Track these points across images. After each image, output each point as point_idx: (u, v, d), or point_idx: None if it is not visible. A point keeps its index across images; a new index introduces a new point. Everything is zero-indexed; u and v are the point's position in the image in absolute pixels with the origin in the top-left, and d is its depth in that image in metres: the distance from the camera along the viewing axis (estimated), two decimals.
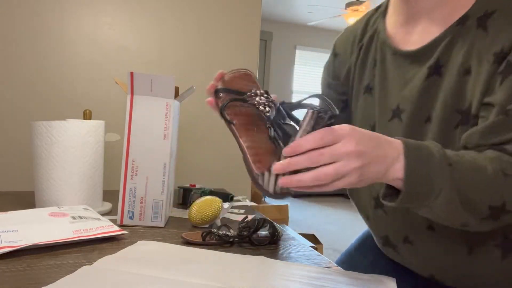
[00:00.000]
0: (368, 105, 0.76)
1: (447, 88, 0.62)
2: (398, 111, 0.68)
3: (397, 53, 0.69)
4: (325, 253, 3.08)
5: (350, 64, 0.80)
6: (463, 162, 0.53)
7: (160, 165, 0.94)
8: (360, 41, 0.78)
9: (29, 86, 1.34)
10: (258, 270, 0.69)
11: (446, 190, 0.51)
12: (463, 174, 0.52)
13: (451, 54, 0.62)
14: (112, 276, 0.62)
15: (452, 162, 0.52)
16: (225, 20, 1.58)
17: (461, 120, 0.61)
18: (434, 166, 0.50)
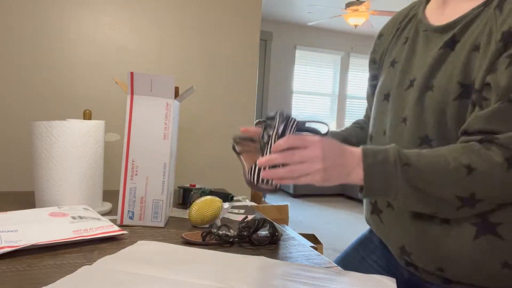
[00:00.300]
0: (388, 77, 0.80)
1: (455, 61, 0.66)
2: (414, 80, 0.73)
3: (428, 29, 0.74)
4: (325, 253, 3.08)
5: (387, 43, 0.86)
6: (421, 160, 0.60)
7: (160, 165, 0.94)
8: (400, 23, 0.84)
9: (29, 86, 1.34)
10: (258, 270, 0.69)
11: (402, 188, 0.60)
12: (418, 172, 0.59)
13: (467, 31, 0.66)
14: (112, 276, 0.62)
15: (408, 162, 0.60)
16: (225, 20, 1.58)
17: (462, 93, 0.64)
18: (388, 168, 0.59)
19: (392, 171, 0.59)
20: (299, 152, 0.58)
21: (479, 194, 0.59)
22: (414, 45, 0.76)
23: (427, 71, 0.69)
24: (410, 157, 0.60)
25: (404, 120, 0.73)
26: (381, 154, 0.61)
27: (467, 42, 0.65)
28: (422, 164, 0.59)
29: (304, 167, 0.58)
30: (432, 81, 0.68)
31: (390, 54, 0.83)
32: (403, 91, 0.74)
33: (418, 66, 0.73)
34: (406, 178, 0.59)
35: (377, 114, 0.82)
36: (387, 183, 0.60)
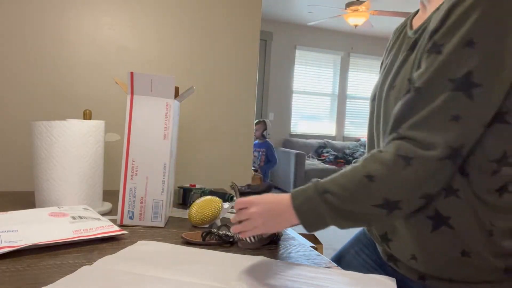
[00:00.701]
0: (377, 82, 0.87)
1: (408, 60, 0.72)
2: (388, 83, 0.79)
3: (410, 35, 0.79)
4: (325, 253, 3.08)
5: (386, 52, 0.92)
6: (335, 184, 0.66)
7: (160, 165, 0.94)
8: (396, 33, 0.89)
9: (29, 86, 1.34)
10: (258, 270, 0.69)
11: (329, 214, 0.65)
12: (335, 195, 0.65)
13: (424, 32, 0.71)
14: (112, 276, 0.62)
15: (325, 190, 0.66)
16: (225, 20, 1.58)
17: (409, 88, 0.69)
18: (313, 202, 0.66)
19: (315, 203, 0.66)
20: (244, 211, 0.70)
21: (391, 197, 0.62)
22: (399, 50, 0.81)
23: (394, 72, 0.75)
24: (326, 184, 0.66)
25: (379, 119, 0.79)
26: (304, 192, 0.68)
27: (422, 42, 0.70)
28: (336, 187, 0.65)
29: (249, 222, 0.69)
30: (396, 82, 0.74)
31: (386, 61, 0.89)
32: (382, 92, 0.80)
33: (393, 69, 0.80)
34: (328, 205, 0.65)
35: (368, 114, 0.89)
36: (317, 215, 0.66)
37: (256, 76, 1.64)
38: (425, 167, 0.60)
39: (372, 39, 6.59)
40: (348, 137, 6.64)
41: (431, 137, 0.61)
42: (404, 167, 0.61)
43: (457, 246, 0.65)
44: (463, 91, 0.59)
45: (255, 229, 0.69)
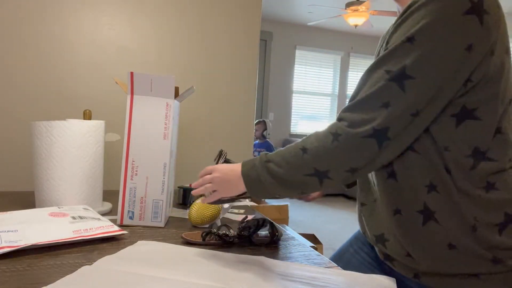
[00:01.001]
0: None
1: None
2: None
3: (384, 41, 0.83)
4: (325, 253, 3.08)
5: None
6: (278, 154, 0.73)
7: (160, 165, 0.94)
8: (381, 39, 0.92)
9: (29, 86, 1.34)
10: (258, 270, 0.69)
11: (269, 180, 0.72)
12: (275, 164, 0.72)
13: (392, 37, 0.73)
14: (112, 276, 0.62)
15: (268, 159, 0.74)
16: (225, 20, 1.58)
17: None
18: (256, 170, 0.74)
19: (259, 170, 0.74)
20: (207, 176, 0.80)
21: (319, 167, 0.69)
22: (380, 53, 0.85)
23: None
24: (270, 154, 0.75)
25: None
26: (251, 161, 0.76)
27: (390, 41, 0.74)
28: (278, 157, 0.73)
29: (210, 186, 0.79)
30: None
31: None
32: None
33: None
34: (269, 172, 0.72)
35: None
36: (259, 182, 0.74)
37: (256, 76, 1.64)
38: (349, 142, 0.67)
39: (372, 39, 6.59)
40: None
41: (360, 117, 0.67)
42: (332, 141, 0.68)
43: (444, 239, 0.67)
44: (396, 82, 0.65)
45: (215, 193, 0.79)
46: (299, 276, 0.67)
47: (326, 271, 0.71)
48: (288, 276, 0.67)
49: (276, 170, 0.72)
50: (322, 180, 0.70)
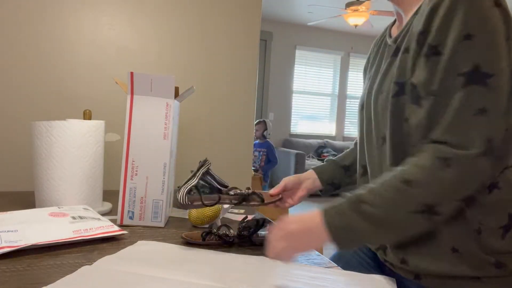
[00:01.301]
0: (363, 90, 0.90)
1: (394, 65, 0.74)
2: (374, 89, 0.81)
3: (390, 43, 0.81)
4: (325, 253, 3.08)
5: (370, 60, 0.94)
6: (370, 193, 0.63)
7: (160, 165, 0.94)
8: (378, 43, 0.92)
9: (29, 86, 1.34)
10: (258, 270, 0.69)
11: (363, 225, 0.61)
12: (371, 203, 0.61)
13: (405, 38, 0.73)
14: (112, 276, 0.62)
15: (361, 199, 0.62)
16: (225, 20, 1.58)
17: (397, 91, 0.71)
18: (346, 216, 0.62)
19: (349, 216, 0.62)
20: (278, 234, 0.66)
21: (430, 201, 0.60)
22: (381, 59, 0.84)
23: (379, 79, 0.78)
24: (360, 194, 0.64)
25: (370, 123, 0.82)
26: (336, 206, 0.64)
27: (402, 47, 0.73)
28: (372, 196, 0.62)
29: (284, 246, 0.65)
30: (383, 87, 0.76)
31: (370, 71, 0.91)
32: (369, 99, 0.83)
33: (378, 76, 0.82)
34: (363, 215, 0.61)
35: (358, 124, 0.91)
36: (351, 229, 0.62)
37: (256, 76, 1.64)
38: (465, 166, 0.59)
39: (372, 39, 6.59)
40: (348, 137, 6.64)
41: (464, 136, 0.60)
42: (443, 168, 0.60)
43: (448, 243, 0.66)
44: (478, 84, 0.60)
45: (289, 248, 0.65)
46: (299, 276, 0.67)
47: (326, 271, 0.71)
48: (288, 276, 0.67)
49: (372, 212, 0.61)
50: (431, 217, 0.61)
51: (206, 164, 0.80)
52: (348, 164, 0.98)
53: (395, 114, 0.72)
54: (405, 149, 0.71)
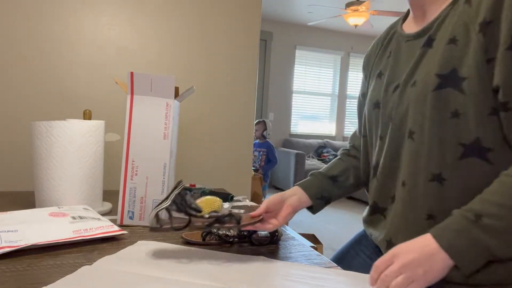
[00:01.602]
0: (376, 87, 0.86)
1: (433, 55, 0.71)
2: (399, 83, 0.78)
3: (409, 38, 0.80)
4: (325, 253, 3.08)
5: (373, 61, 0.93)
6: (488, 204, 0.58)
7: (160, 165, 0.94)
8: (383, 41, 0.91)
9: (29, 86, 1.34)
10: (258, 270, 0.69)
11: (490, 240, 0.56)
12: (494, 216, 0.57)
13: (440, 28, 0.72)
14: (112, 276, 0.62)
15: (478, 213, 0.58)
16: (225, 20, 1.58)
17: (440, 83, 0.68)
18: (466, 235, 0.57)
19: (471, 234, 0.57)
20: (391, 270, 0.59)
21: None
22: (397, 56, 0.82)
23: (409, 71, 0.75)
24: (475, 208, 0.59)
25: (392, 120, 0.78)
26: (449, 227, 0.59)
27: (443, 37, 0.70)
28: (491, 207, 0.58)
29: (405, 278, 0.58)
30: (414, 78, 0.73)
31: (377, 68, 0.89)
32: (391, 95, 0.80)
33: (403, 71, 0.79)
34: (488, 230, 0.56)
35: (370, 123, 0.88)
36: (477, 248, 0.57)
37: (256, 76, 1.64)
38: None
39: (372, 39, 6.59)
40: (348, 137, 6.63)
41: None
42: None
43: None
44: None
45: (412, 281, 0.57)
46: (299, 276, 0.67)
47: (326, 271, 0.71)
48: (288, 276, 0.67)
49: (500, 225, 0.56)
50: None
51: (180, 186, 0.79)
52: (336, 174, 0.93)
53: (437, 107, 0.68)
54: (447, 146, 0.68)
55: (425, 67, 0.72)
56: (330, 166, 0.96)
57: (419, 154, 0.71)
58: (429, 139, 0.70)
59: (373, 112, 0.85)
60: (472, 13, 0.67)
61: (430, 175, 0.70)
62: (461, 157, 0.67)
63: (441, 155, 0.69)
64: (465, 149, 0.67)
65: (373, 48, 0.95)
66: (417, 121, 0.72)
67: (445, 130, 0.68)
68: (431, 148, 0.70)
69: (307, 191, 0.88)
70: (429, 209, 0.70)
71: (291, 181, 5.30)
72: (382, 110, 0.82)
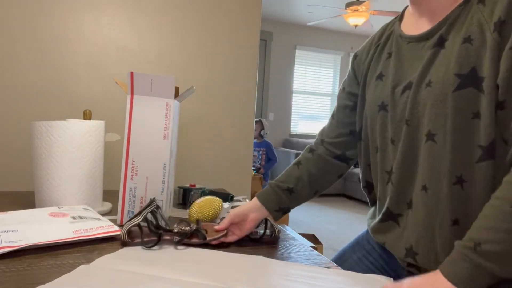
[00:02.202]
0: (378, 89, 0.84)
1: (448, 56, 0.70)
2: (409, 84, 0.76)
3: (412, 40, 0.78)
4: (325, 253, 3.08)
5: (367, 61, 0.90)
6: (482, 231, 0.59)
7: (160, 165, 0.94)
8: (377, 42, 0.89)
9: (29, 86, 1.34)
10: (257, 269, 0.69)
11: (491, 265, 0.57)
12: (490, 241, 0.57)
13: (453, 28, 0.71)
14: (110, 275, 0.62)
15: (475, 242, 0.58)
16: (225, 20, 1.58)
17: (460, 84, 0.67)
18: (468, 266, 0.58)
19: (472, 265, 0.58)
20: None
21: None
22: (399, 57, 0.80)
23: (421, 71, 0.73)
24: (473, 236, 0.59)
25: (406, 122, 0.75)
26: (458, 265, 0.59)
27: (456, 37, 0.69)
28: (486, 233, 0.58)
29: None
30: (429, 78, 0.71)
31: (375, 70, 0.86)
32: (399, 96, 0.77)
33: (410, 72, 0.77)
34: (489, 260, 0.57)
35: (373, 127, 0.85)
36: (481, 274, 0.58)
37: (256, 76, 1.64)
38: None
39: None
40: None
41: None
42: None
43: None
44: None
45: None
46: (298, 276, 0.67)
47: (326, 271, 0.71)
48: (288, 276, 0.67)
49: (498, 249, 0.57)
50: None
51: (152, 205, 0.82)
52: (292, 186, 0.92)
53: (459, 108, 0.67)
54: (468, 148, 0.67)
55: (440, 67, 0.70)
56: (285, 176, 0.94)
57: (443, 156, 0.69)
58: (451, 141, 0.68)
59: (378, 114, 0.83)
60: (487, 13, 0.66)
61: (454, 178, 0.68)
62: (479, 159, 0.66)
63: (462, 157, 0.67)
64: (482, 152, 0.66)
65: (365, 48, 0.92)
66: (438, 122, 0.70)
67: (467, 132, 0.67)
68: (454, 150, 0.68)
69: (266, 205, 0.90)
70: (453, 213, 0.69)
71: None
72: (391, 112, 0.79)
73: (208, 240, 0.81)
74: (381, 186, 0.85)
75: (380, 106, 0.82)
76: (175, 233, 0.81)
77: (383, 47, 0.86)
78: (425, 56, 0.74)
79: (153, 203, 0.82)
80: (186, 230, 0.81)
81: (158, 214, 0.82)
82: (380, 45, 0.87)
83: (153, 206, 0.82)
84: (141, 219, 0.79)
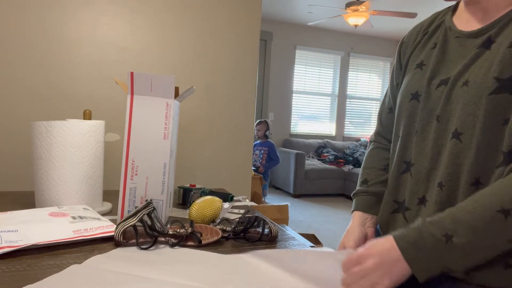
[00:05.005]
0: (415, 77, 0.82)
1: (491, 58, 0.68)
2: (447, 80, 0.75)
3: (460, 35, 0.77)
4: None
5: (412, 47, 0.89)
6: (460, 225, 0.60)
7: (160, 165, 0.94)
8: (426, 29, 0.87)
9: (29, 86, 1.34)
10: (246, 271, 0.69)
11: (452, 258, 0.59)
12: (463, 237, 0.59)
13: (503, 31, 0.69)
14: (99, 275, 0.62)
15: (449, 234, 0.60)
16: (225, 20, 1.58)
17: (498, 88, 0.66)
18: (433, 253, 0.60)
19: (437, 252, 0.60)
20: (358, 268, 0.63)
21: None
22: (444, 50, 0.79)
23: (462, 68, 0.72)
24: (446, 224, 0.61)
25: (437, 117, 0.75)
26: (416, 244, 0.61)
27: (504, 41, 0.68)
28: (463, 229, 0.59)
29: (368, 279, 0.62)
30: (467, 77, 0.70)
31: (417, 57, 0.85)
32: (434, 89, 0.77)
33: (451, 67, 0.76)
34: (454, 250, 0.59)
35: (400, 114, 0.84)
36: (437, 263, 0.60)
37: (256, 76, 1.64)
38: None
39: (372, 39, 6.59)
40: (348, 137, 6.64)
41: None
42: None
43: (502, 258, 0.64)
44: None
45: (376, 285, 0.62)
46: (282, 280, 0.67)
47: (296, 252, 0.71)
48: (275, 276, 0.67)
49: (466, 247, 0.59)
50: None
51: (149, 208, 0.82)
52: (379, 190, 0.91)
53: (491, 112, 0.66)
54: (492, 152, 0.66)
55: (480, 68, 0.69)
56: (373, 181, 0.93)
57: (465, 156, 0.69)
58: (477, 143, 0.67)
59: (409, 103, 0.81)
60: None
61: (473, 179, 0.67)
62: (499, 165, 0.66)
63: (485, 160, 0.67)
64: (504, 157, 0.65)
65: (412, 35, 0.90)
66: (467, 122, 0.69)
67: (495, 136, 0.66)
68: (478, 152, 0.67)
69: (372, 212, 0.90)
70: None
71: (291, 181, 5.30)
72: (422, 103, 0.78)
73: (203, 245, 0.82)
74: (395, 174, 0.84)
75: (414, 95, 0.81)
76: (171, 235, 0.81)
77: (431, 36, 0.84)
78: (468, 55, 0.73)
79: (149, 205, 0.82)
80: (181, 233, 0.81)
81: (154, 217, 0.82)
82: (428, 33, 0.85)
83: (149, 208, 0.82)
84: (137, 220, 0.79)
